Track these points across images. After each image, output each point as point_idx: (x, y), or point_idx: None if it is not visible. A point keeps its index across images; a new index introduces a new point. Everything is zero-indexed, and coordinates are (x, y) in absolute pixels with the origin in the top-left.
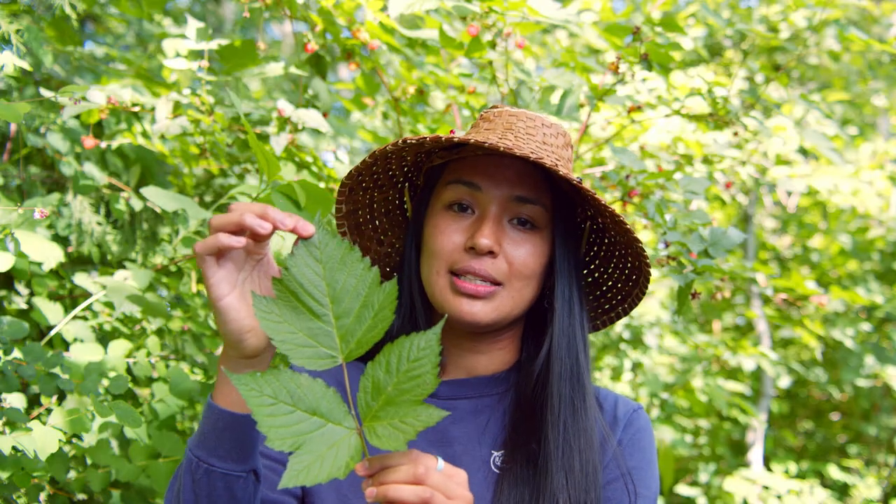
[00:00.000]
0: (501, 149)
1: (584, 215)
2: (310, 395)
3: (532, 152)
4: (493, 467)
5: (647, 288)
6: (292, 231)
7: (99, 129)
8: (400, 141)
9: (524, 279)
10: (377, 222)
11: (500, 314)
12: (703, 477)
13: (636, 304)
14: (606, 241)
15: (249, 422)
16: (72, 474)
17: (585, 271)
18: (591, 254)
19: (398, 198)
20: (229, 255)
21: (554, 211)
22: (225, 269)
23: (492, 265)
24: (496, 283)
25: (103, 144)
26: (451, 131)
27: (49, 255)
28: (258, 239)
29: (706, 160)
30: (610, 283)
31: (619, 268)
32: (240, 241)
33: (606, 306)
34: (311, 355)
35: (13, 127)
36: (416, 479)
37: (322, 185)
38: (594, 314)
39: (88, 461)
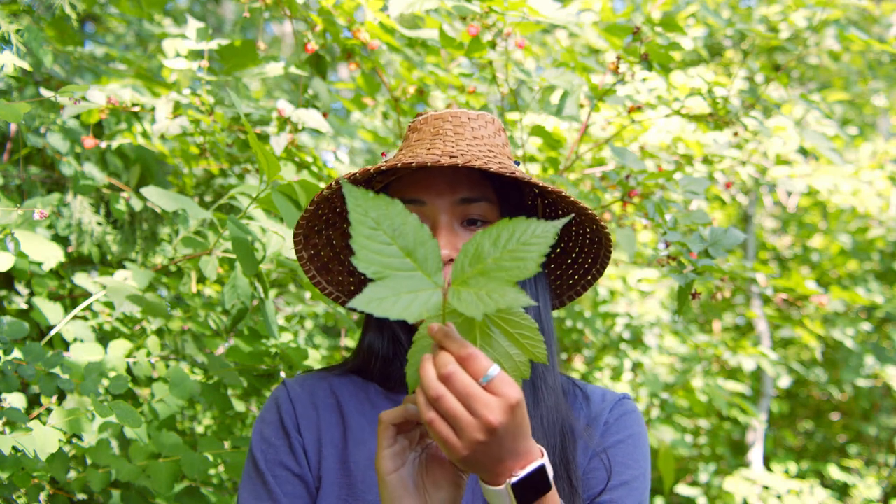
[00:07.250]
0: (430, 164)
1: (532, 194)
2: (411, 236)
3: (463, 153)
4: None
5: (611, 247)
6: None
7: (99, 129)
8: (333, 182)
9: None
10: (342, 256)
11: None
12: (703, 477)
13: (606, 265)
14: (560, 212)
15: None
16: (72, 474)
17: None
18: None
19: None
20: (406, 433)
21: (500, 201)
22: (400, 445)
23: None
24: None
25: (103, 144)
26: (383, 154)
27: (49, 255)
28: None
29: (706, 160)
30: (577, 250)
31: (580, 234)
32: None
33: (581, 271)
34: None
35: (13, 127)
36: (441, 375)
37: (322, 185)
38: (571, 282)
39: (88, 461)
